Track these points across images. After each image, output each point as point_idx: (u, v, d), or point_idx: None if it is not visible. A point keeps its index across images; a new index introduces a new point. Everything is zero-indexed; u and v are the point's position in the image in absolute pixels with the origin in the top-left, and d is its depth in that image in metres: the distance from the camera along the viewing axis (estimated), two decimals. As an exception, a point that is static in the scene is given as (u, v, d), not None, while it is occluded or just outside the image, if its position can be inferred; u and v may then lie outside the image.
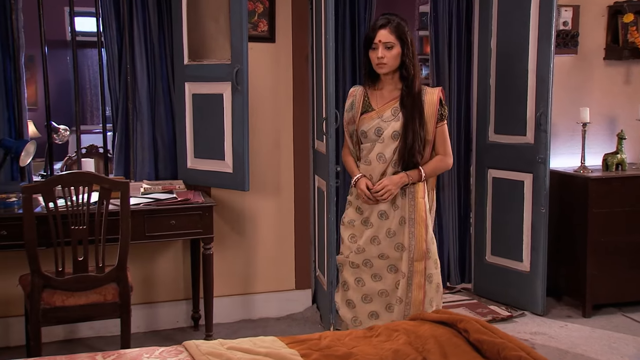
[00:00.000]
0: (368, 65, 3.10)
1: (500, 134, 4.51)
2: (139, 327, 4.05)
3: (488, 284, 4.67)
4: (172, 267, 4.13)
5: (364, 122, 3.10)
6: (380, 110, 3.09)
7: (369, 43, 3.04)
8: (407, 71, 3.03)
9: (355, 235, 3.18)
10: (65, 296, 3.19)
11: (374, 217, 3.12)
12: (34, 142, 3.54)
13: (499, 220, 4.56)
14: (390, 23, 3.01)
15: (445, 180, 4.75)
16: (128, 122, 4.02)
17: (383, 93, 3.13)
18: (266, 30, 4.13)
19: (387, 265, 3.13)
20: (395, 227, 3.09)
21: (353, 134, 3.17)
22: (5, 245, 3.35)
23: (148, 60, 4.00)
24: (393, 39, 3.00)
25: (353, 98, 3.17)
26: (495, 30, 4.48)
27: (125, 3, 3.93)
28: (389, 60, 3.01)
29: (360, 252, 3.14)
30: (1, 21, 3.77)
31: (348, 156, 3.25)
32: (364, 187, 3.07)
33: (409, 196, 3.08)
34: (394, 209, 3.10)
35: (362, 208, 3.16)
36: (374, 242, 3.12)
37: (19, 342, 3.78)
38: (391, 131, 3.03)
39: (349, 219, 3.20)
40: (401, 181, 3.04)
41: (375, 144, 3.07)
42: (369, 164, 3.10)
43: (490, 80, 4.52)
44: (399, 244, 3.09)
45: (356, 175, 3.13)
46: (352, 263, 3.17)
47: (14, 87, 3.81)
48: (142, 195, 3.73)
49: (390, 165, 3.07)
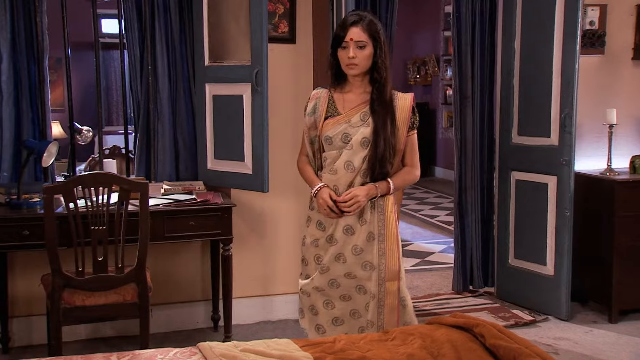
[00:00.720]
0: (335, 66, 2.80)
1: (524, 136, 4.44)
2: (160, 327, 4.07)
3: (511, 287, 4.60)
4: (192, 268, 4.15)
5: (329, 127, 2.77)
6: (347, 115, 2.77)
7: (339, 41, 2.73)
8: (379, 73, 2.73)
9: (321, 256, 2.84)
10: (85, 296, 3.22)
11: (339, 233, 2.78)
12: (56, 143, 3.58)
13: (522, 224, 4.50)
14: (363, 20, 2.72)
15: (468, 182, 4.70)
16: (149, 123, 4.05)
17: (350, 96, 2.81)
18: (287, 31, 4.13)
19: (355, 285, 2.80)
20: (363, 243, 2.76)
21: (315, 140, 2.85)
22: (27, 245, 3.40)
23: (169, 62, 4.02)
24: (365, 38, 2.70)
25: (316, 101, 2.85)
26: (519, 30, 4.42)
27: (147, 5, 3.96)
28: (360, 60, 2.71)
29: (324, 271, 2.81)
30: (26, 24, 3.83)
31: (306, 165, 2.92)
32: (327, 197, 2.73)
33: (378, 210, 2.77)
34: (360, 223, 2.76)
35: (325, 223, 2.83)
36: (339, 260, 2.78)
37: (41, 341, 3.82)
38: (360, 137, 2.72)
39: (313, 238, 2.86)
40: (370, 193, 2.73)
41: (342, 151, 2.75)
42: (334, 172, 2.76)
43: (514, 81, 4.46)
44: (367, 262, 2.76)
45: (316, 185, 2.79)
46: (317, 288, 2.84)
47: (38, 88, 3.86)
48: (162, 196, 3.75)
49: (359, 174, 2.75)
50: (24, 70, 3.84)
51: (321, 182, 2.79)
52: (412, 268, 5.52)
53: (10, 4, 3.77)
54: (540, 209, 4.34)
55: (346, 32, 2.71)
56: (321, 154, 2.84)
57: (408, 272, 5.38)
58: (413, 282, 5.07)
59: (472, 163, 4.69)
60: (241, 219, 4.16)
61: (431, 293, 4.81)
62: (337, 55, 2.76)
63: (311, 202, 2.88)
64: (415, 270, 5.45)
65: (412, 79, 11.31)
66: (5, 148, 3.81)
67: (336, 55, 2.76)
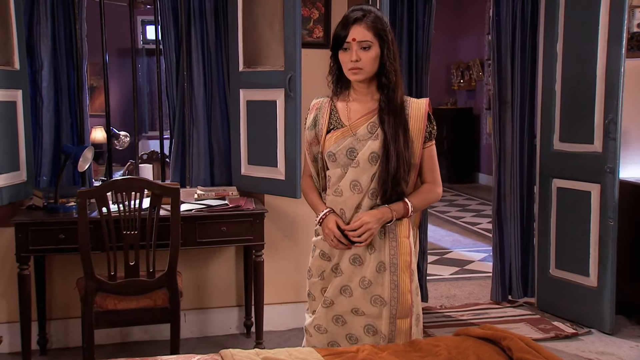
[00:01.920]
0: (337, 71, 2.43)
1: (566, 142, 4.31)
2: (192, 332, 4.08)
3: (552, 298, 4.46)
4: (225, 274, 4.15)
5: (332, 141, 2.39)
6: (353, 127, 2.39)
7: (339, 42, 2.34)
8: (388, 78, 2.36)
9: (326, 288, 2.48)
10: (117, 300, 3.25)
11: (345, 263, 2.41)
12: (92, 149, 3.63)
13: (564, 233, 4.35)
14: (367, 16, 2.32)
15: (507, 189, 4.58)
16: (184, 128, 4.07)
17: (355, 105, 2.42)
18: (321, 36, 4.10)
19: (364, 324, 2.42)
20: (372, 275, 2.38)
21: (318, 157, 2.47)
22: (62, 249, 3.45)
23: (205, 67, 4.04)
24: (371, 37, 2.31)
25: (316, 112, 2.46)
26: (561, 33, 4.29)
27: (184, 11, 3.99)
28: (365, 63, 2.32)
29: (328, 305, 2.44)
30: (66, 31, 3.90)
31: (311, 189, 2.54)
32: (334, 226, 2.36)
33: (390, 235, 2.39)
34: (370, 252, 2.39)
35: (330, 253, 2.45)
36: (345, 292, 2.42)
37: (78, 343, 3.87)
38: (368, 152, 2.35)
39: (318, 270, 2.49)
40: (384, 217, 2.34)
41: (347, 169, 2.38)
42: (339, 194, 2.39)
43: (556, 86, 4.33)
44: (377, 296, 2.39)
45: (322, 211, 2.43)
46: (319, 327, 2.48)
47: (77, 94, 3.93)
48: (195, 201, 3.76)
49: (367, 196, 2.37)
50: (64, 77, 3.91)
51: (326, 208, 2.43)
52: (450, 276, 5.42)
53: (51, 13, 3.85)
54: (582, 217, 4.19)
55: (348, 30, 2.32)
56: (325, 173, 2.47)
57: (446, 280, 5.28)
58: (450, 291, 4.97)
59: (512, 170, 4.57)
60: (274, 225, 4.14)
61: (469, 303, 4.71)
62: (338, 58, 2.38)
63: (315, 228, 2.53)
64: (453, 279, 5.35)
65: (456, 84, 11.16)
66: (45, 152, 3.89)
67: (337, 58, 2.39)
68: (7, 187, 3.54)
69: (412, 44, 4.32)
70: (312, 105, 2.51)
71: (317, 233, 2.50)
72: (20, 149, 3.67)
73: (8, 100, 3.57)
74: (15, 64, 3.63)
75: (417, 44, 4.31)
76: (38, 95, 3.87)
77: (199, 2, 4.01)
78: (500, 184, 4.60)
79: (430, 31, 4.35)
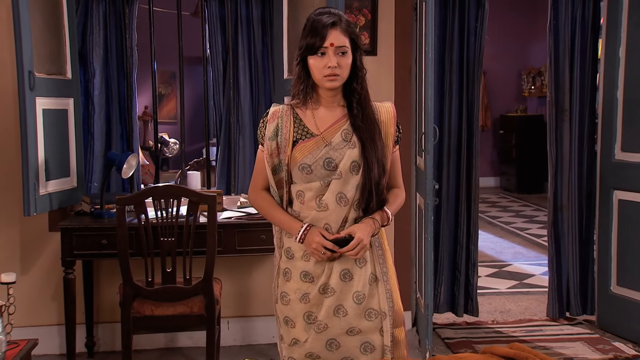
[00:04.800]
0: (305, 78, 2.24)
1: (628, 152, 4.06)
2: (235, 340, 4.08)
3: (613, 317, 4.20)
4: (267, 282, 4.11)
5: (305, 152, 2.22)
6: (326, 136, 2.22)
7: (314, 48, 2.16)
8: (360, 83, 2.23)
9: (313, 313, 2.25)
10: (154, 306, 3.28)
11: (335, 280, 2.23)
12: (136, 155, 3.70)
13: (626, 247, 4.10)
14: (341, 21, 2.18)
15: (564, 201, 4.36)
16: (230, 136, 4.09)
17: (323, 113, 2.26)
18: (367, 43, 4.03)
19: (359, 344, 2.25)
20: (365, 288, 2.24)
21: (279, 168, 2.27)
22: (105, 254, 3.52)
23: (251, 75, 4.06)
24: (347, 42, 2.17)
25: (278, 121, 2.26)
26: (624, 37, 4.06)
27: (231, 19, 4.02)
28: (344, 69, 2.17)
29: (322, 330, 2.23)
30: (117, 40, 4.00)
31: (271, 203, 2.31)
32: (321, 238, 2.17)
33: (375, 244, 2.29)
34: (359, 265, 2.24)
35: (314, 274, 2.24)
36: (339, 313, 2.23)
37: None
38: (349, 162, 2.19)
39: (300, 293, 2.25)
40: (372, 230, 2.22)
41: (329, 181, 2.20)
42: (324, 209, 2.20)
43: (618, 93, 4.09)
44: (371, 310, 2.24)
45: (299, 227, 2.21)
46: (311, 355, 2.25)
47: (127, 102, 4.02)
48: (237, 209, 3.76)
49: (352, 207, 2.23)
50: (115, 85, 4.02)
51: (304, 224, 2.21)
52: (506, 290, 5.20)
53: (104, 23, 3.96)
54: (646, 232, 3.94)
55: (325, 35, 2.15)
56: (289, 187, 2.28)
57: (501, 294, 5.08)
58: (505, 306, 4.77)
59: (569, 180, 4.35)
60: (318, 234, 4.08)
61: (523, 318, 4.50)
62: (309, 64, 2.20)
63: (280, 251, 2.32)
64: (509, 293, 5.13)
65: (527, 91, 10.79)
66: (95, 159, 4.00)
67: (305, 65, 2.21)
68: (57, 193, 3.64)
69: (463, 51, 4.19)
70: (271, 114, 2.29)
71: (290, 254, 2.28)
72: (71, 156, 3.78)
73: (60, 109, 3.68)
74: (67, 73, 3.74)
75: (468, 51, 4.18)
76: (90, 103, 3.98)
77: (246, 11, 4.03)
78: (556, 194, 4.39)
79: (482, 37, 4.21)
